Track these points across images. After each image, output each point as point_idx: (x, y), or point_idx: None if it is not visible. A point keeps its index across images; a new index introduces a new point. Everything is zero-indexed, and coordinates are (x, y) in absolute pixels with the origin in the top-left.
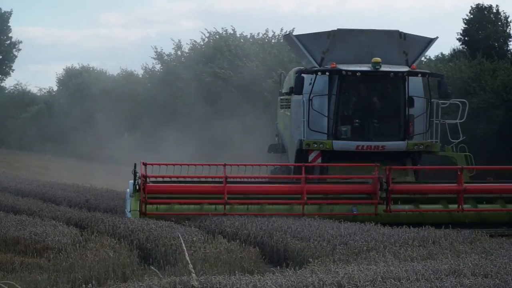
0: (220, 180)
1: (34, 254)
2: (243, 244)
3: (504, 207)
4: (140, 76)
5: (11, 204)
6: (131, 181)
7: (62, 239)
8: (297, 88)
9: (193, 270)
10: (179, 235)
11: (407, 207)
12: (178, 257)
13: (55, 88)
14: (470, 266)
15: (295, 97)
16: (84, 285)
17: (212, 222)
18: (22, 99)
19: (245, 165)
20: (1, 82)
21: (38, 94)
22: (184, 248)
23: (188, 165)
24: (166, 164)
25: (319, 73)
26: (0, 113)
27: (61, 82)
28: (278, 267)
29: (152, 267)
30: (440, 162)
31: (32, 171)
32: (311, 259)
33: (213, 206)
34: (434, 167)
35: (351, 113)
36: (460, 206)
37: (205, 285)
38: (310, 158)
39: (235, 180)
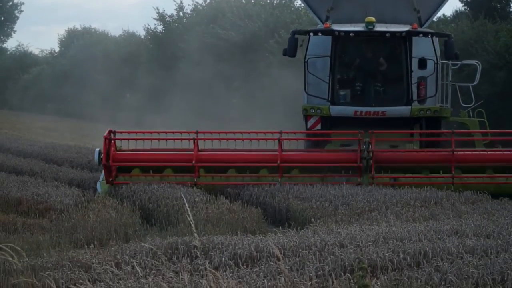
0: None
1: (36, 214)
2: (245, 205)
3: None
4: (142, 37)
5: (13, 165)
6: (97, 149)
7: (64, 200)
8: (290, 50)
9: (195, 230)
10: (182, 196)
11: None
12: (180, 218)
13: (57, 50)
14: (472, 227)
15: None
16: (86, 246)
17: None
18: (23, 60)
19: (218, 132)
20: (3, 44)
21: (40, 55)
22: (187, 208)
23: (158, 133)
24: (135, 132)
25: (311, 33)
26: (1, 74)
27: (63, 43)
28: (280, 227)
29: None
30: (459, 128)
31: (34, 132)
32: (313, 220)
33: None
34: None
35: (349, 76)
36: (452, 175)
37: (207, 245)
38: (309, 124)
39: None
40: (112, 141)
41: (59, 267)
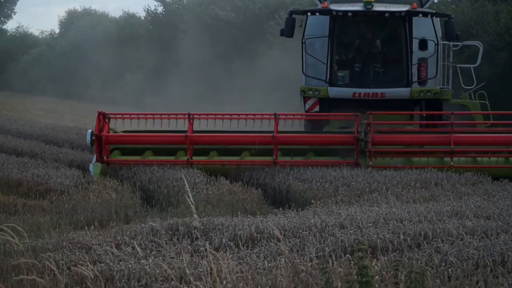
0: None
1: (37, 196)
2: (246, 186)
3: None
4: (142, 18)
5: (13, 147)
6: (89, 131)
7: (65, 181)
8: (287, 30)
9: (195, 211)
10: (183, 176)
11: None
12: (180, 199)
13: (57, 31)
14: (473, 208)
15: None
16: (86, 227)
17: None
18: (23, 42)
19: (211, 114)
20: (3, 25)
21: (40, 37)
22: (188, 189)
23: (152, 114)
24: (129, 114)
25: (309, 13)
26: (1, 56)
27: (63, 24)
28: (281, 208)
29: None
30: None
31: (34, 114)
32: (313, 201)
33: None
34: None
35: (348, 57)
36: (451, 159)
37: (207, 226)
38: (307, 106)
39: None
40: (106, 122)
41: (59, 248)
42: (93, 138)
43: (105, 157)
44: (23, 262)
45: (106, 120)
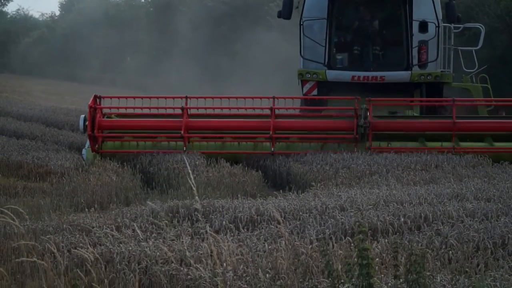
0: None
1: (37, 178)
2: (246, 168)
3: None
4: (143, 0)
5: (13, 129)
6: (82, 116)
7: (65, 164)
8: (285, 12)
9: (196, 193)
10: (185, 158)
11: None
12: (180, 181)
13: (57, 13)
14: (473, 190)
15: None
16: (86, 209)
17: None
18: (24, 24)
19: (205, 97)
20: (3, 7)
21: (40, 19)
22: (190, 171)
23: (147, 97)
24: (121, 97)
25: None
26: (2, 38)
27: (64, 6)
28: (281, 190)
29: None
30: (461, 94)
31: (35, 96)
32: (313, 183)
33: (169, 143)
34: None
35: (347, 40)
36: (453, 144)
37: (207, 208)
38: (305, 89)
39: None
40: (98, 109)
41: (59, 230)
42: (86, 124)
43: (99, 143)
44: (24, 244)
45: (99, 102)
